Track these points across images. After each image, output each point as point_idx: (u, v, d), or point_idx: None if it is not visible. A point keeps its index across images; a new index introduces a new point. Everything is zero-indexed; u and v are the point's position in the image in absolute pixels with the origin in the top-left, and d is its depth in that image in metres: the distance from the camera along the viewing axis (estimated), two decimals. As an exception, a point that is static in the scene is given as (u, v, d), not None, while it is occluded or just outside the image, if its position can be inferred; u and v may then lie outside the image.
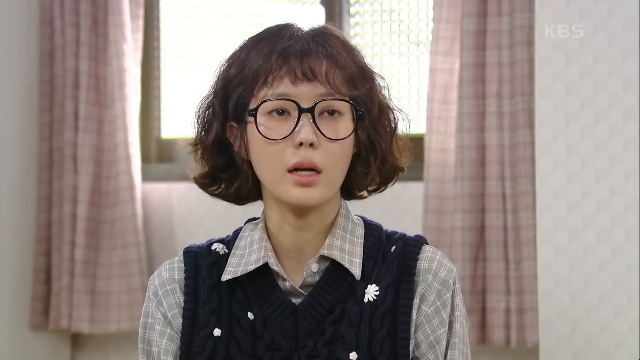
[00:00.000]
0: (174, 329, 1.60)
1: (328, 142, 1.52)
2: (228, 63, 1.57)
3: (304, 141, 1.51)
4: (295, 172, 1.51)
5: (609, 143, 2.83)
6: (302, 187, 1.52)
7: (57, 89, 3.61)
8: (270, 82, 1.52)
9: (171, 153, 3.67)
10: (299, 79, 1.51)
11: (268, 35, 1.56)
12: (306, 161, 1.51)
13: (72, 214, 3.57)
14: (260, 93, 1.53)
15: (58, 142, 3.60)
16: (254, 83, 1.53)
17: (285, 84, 1.52)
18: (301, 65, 1.51)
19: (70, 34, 3.58)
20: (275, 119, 1.52)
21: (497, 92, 3.14)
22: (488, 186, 3.16)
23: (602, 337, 2.82)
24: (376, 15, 3.47)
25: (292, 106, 1.52)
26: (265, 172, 1.55)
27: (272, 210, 1.59)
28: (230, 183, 1.61)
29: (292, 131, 1.51)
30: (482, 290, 3.17)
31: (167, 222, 3.58)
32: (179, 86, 3.70)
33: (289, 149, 1.51)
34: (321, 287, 1.58)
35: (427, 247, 1.61)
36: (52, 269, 3.61)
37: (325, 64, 1.52)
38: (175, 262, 1.64)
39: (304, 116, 1.51)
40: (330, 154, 1.52)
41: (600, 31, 2.82)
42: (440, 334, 1.57)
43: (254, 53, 1.54)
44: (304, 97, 1.52)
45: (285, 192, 1.53)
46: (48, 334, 3.66)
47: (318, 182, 1.52)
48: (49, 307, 3.62)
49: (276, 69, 1.51)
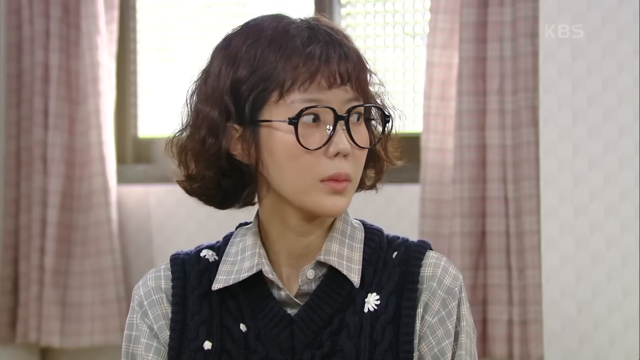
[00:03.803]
0: (160, 342, 1.60)
1: (357, 149, 1.55)
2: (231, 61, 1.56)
3: (342, 152, 1.53)
4: (330, 181, 1.53)
5: (618, 143, 2.85)
6: (335, 195, 1.53)
7: (25, 84, 3.61)
8: (307, 86, 1.52)
9: (149, 153, 3.67)
10: (336, 84, 1.52)
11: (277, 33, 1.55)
12: (343, 172, 1.53)
13: (42, 218, 3.57)
14: (289, 97, 1.53)
15: (26, 142, 3.60)
16: (282, 85, 1.53)
17: (320, 88, 1.53)
18: (339, 68, 1.52)
19: (40, 25, 3.58)
20: (309, 126, 1.53)
21: (499, 88, 3.15)
22: (489, 189, 3.17)
23: (610, 351, 2.84)
24: (369, 5, 3.47)
25: (325, 112, 1.53)
26: (291, 183, 1.55)
27: (274, 217, 1.59)
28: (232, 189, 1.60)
29: (328, 139, 1.53)
30: (483, 301, 3.18)
31: (144, 227, 3.58)
32: (157, 81, 3.70)
33: (322, 158, 1.53)
34: (318, 297, 1.58)
35: (431, 253, 1.62)
36: (19, 278, 3.61)
37: (356, 67, 1.54)
38: (161, 270, 1.63)
39: (338, 124, 1.53)
40: (358, 162, 1.55)
41: (609, 23, 2.84)
42: (445, 346, 1.58)
43: (270, 53, 1.53)
44: (337, 102, 1.53)
45: (315, 202, 1.54)
46: (15, 348, 3.65)
47: (347, 190, 1.54)
48: (16, 319, 3.61)
49: (314, 73, 1.52)
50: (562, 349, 2.88)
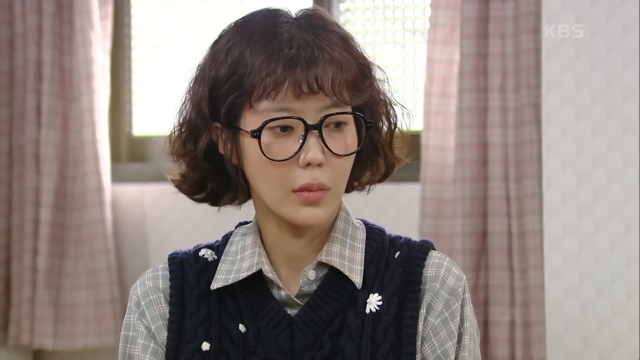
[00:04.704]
0: (158, 343, 1.60)
1: (335, 157, 1.53)
2: (214, 60, 1.55)
3: (313, 162, 1.51)
4: (302, 191, 1.52)
5: (622, 141, 2.85)
6: (309, 206, 1.52)
7: (17, 81, 3.61)
8: (273, 96, 1.51)
9: (144, 152, 3.67)
10: (304, 93, 1.51)
11: (261, 31, 1.54)
12: (315, 182, 1.52)
13: (35, 218, 3.57)
14: (259, 105, 1.52)
15: (19, 140, 3.60)
16: (251, 94, 1.52)
17: (288, 97, 1.51)
18: (307, 77, 1.50)
19: (32, 21, 3.57)
20: (278, 136, 1.52)
21: (501, 85, 3.15)
22: (491, 188, 3.17)
23: (615, 353, 2.84)
24: (368, 0, 3.47)
25: (297, 123, 1.52)
26: (266, 192, 1.55)
27: (267, 218, 1.59)
28: (219, 191, 1.61)
29: (299, 150, 1.51)
30: (485, 302, 3.18)
31: (139, 227, 3.58)
32: (152, 78, 3.70)
33: (294, 169, 1.52)
34: (319, 297, 1.58)
35: (434, 253, 1.62)
36: (12, 279, 3.61)
37: (331, 72, 1.51)
38: (159, 270, 1.63)
39: (310, 133, 1.52)
40: (337, 171, 1.54)
41: (613, 19, 2.84)
42: (448, 348, 1.57)
43: (248, 53, 1.52)
44: (308, 111, 1.52)
45: (290, 213, 1.53)
46: (7, 350, 3.65)
47: (324, 200, 1.53)
48: (9, 321, 3.61)
49: (280, 82, 1.50)
50: (566, 351, 2.88)
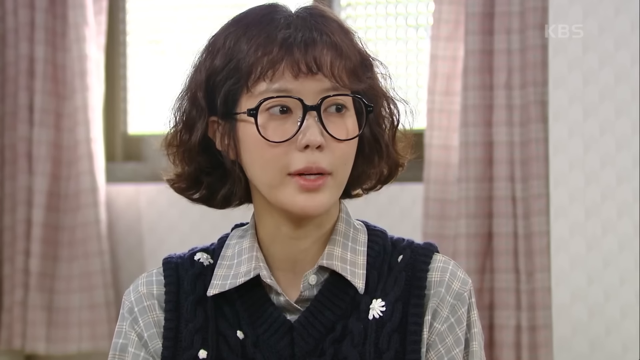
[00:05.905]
0: (149, 352, 1.59)
1: (335, 141, 1.52)
2: (210, 52, 1.56)
3: (311, 144, 1.51)
4: (300, 175, 1.51)
5: (631, 140, 2.84)
6: (307, 192, 1.51)
7: (9, 77, 3.62)
8: (270, 76, 1.51)
9: (139, 151, 3.68)
10: (302, 73, 1.51)
11: (257, 20, 1.55)
12: (314, 166, 1.51)
13: (27, 219, 3.58)
14: (256, 88, 1.52)
15: (10, 138, 3.61)
16: (248, 76, 1.52)
17: (286, 78, 1.51)
18: (305, 57, 1.51)
19: (24, 16, 3.58)
20: (276, 118, 1.52)
21: (506, 83, 3.16)
22: (496, 188, 3.17)
23: (624, 357, 2.84)
24: (370, -5, 3.48)
25: (295, 103, 1.52)
26: (262, 177, 1.54)
27: (265, 217, 1.58)
28: (215, 187, 1.60)
29: (297, 132, 1.51)
30: (490, 306, 3.18)
31: (135, 228, 3.58)
32: (148, 75, 3.71)
33: (292, 151, 1.51)
34: (320, 302, 1.56)
35: (439, 257, 1.61)
36: (3, 281, 3.62)
37: (330, 55, 1.52)
38: (153, 275, 1.62)
39: (309, 115, 1.51)
40: (338, 155, 1.53)
41: (621, 14, 2.83)
42: (455, 354, 1.56)
43: (244, 42, 1.53)
44: (307, 92, 1.52)
45: (287, 199, 1.52)
46: (-2, 355, 3.65)
47: (325, 186, 1.52)
48: (0, 324, 3.62)
49: (277, 61, 1.50)
50: (573, 356, 2.88)
